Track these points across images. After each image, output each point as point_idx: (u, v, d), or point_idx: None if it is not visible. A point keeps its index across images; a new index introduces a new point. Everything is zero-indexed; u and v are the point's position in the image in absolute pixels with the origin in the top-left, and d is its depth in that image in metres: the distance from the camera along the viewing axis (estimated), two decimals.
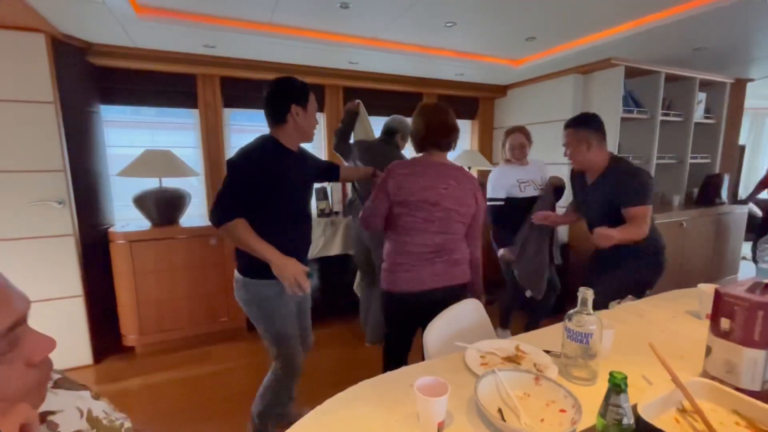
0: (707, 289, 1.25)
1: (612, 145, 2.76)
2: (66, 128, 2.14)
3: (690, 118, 3.14)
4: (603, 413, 0.66)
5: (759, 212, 3.62)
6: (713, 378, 0.85)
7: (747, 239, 3.60)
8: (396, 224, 1.46)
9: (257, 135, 1.50)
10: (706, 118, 3.31)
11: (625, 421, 0.63)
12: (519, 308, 2.60)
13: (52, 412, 0.53)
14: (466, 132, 3.90)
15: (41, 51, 2.01)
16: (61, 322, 2.19)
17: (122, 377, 2.22)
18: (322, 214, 2.78)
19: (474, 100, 3.73)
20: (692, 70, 3.02)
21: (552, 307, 2.39)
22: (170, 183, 2.49)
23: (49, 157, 2.08)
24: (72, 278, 2.20)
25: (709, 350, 0.88)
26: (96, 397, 0.62)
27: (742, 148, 3.81)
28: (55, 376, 0.59)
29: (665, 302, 1.44)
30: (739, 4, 1.88)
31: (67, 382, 0.60)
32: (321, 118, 3.18)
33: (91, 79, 2.42)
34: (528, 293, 2.27)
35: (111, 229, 2.35)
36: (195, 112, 2.78)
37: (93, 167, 2.40)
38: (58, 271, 2.16)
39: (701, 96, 3.23)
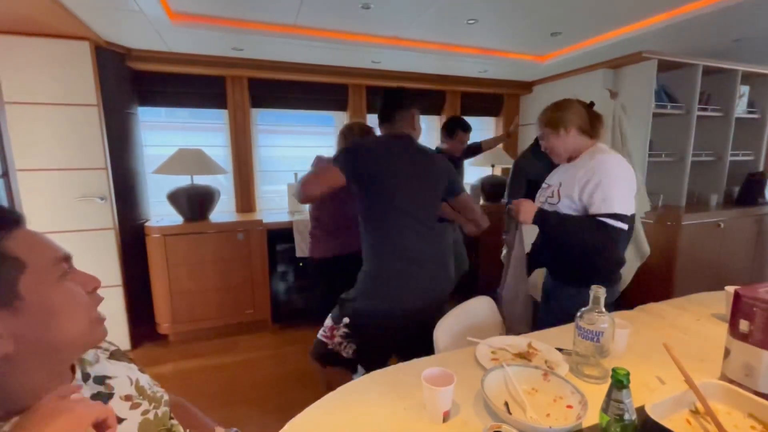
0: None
1: (643, 141, 2.66)
2: (107, 129, 2.30)
3: (730, 112, 2.97)
4: (605, 408, 0.66)
5: None
6: (731, 381, 0.83)
7: None
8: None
9: (284, 135, 1.54)
10: (749, 112, 3.12)
11: (626, 416, 0.63)
12: None
13: (109, 377, 0.65)
14: (490, 130, 3.86)
15: (86, 57, 2.17)
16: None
17: (157, 362, 2.37)
18: None
19: (498, 97, 3.68)
20: (733, 61, 2.85)
21: None
22: (201, 180, 2.62)
23: (92, 156, 2.25)
24: (112, 269, 2.37)
25: (727, 352, 0.85)
26: (141, 370, 0.72)
27: None
28: (111, 348, 0.72)
29: (691, 304, 1.39)
30: None
31: (119, 354, 0.72)
32: (344, 117, 3.24)
33: (130, 82, 2.58)
34: None
35: (147, 224, 2.50)
36: (224, 112, 2.91)
37: (131, 165, 2.57)
38: (99, 262, 2.33)
39: (744, 89, 3.04)
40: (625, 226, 1.24)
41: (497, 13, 2.09)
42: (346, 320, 1.46)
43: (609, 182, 1.24)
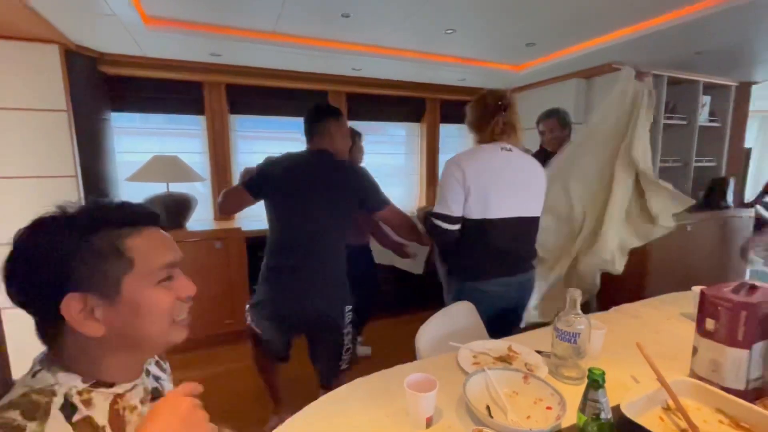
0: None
1: None
2: (78, 135, 2.22)
3: (694, 121, 3.12)
4: (582, 409, 0.68)
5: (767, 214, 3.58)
6: (700, 377, 0.87)
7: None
8: None
9: (264, 141, 1.58)
10: (711, 121, 3.29)
11: (602, 415, 0.65)
12: None
13: (160, 378, 0.73)
14: (468, 137, 3.93)
15: (55, 61, 2.09)
16: None
17: None
18: None
19: None
20: (695, 73, 3.01)
21: None
22: (177, 188, 2.55)
23: (61, 163, 2.16)
24: None
25: (695, 350, 0.89)
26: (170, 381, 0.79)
27: (748, 151, 3.77)
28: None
29: (662, 304, 1.45)
30: (739, 7, 1.88)
31: (162, 360, 0.80)
32: None
33: (102, 87, 2.50)
34: None
35: None
36: (202, 118, 2.86)
37: (104, 173, 2.48)
38: None
39: (705, 99, 3.21)
40: (446, 225, 1.34)
41: (474, 24, 2.14)
42: (247, 305, 1.61)
43: (439, 183, 1.39)
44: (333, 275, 1.50)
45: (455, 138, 3.81)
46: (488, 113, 1.40)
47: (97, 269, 0.54)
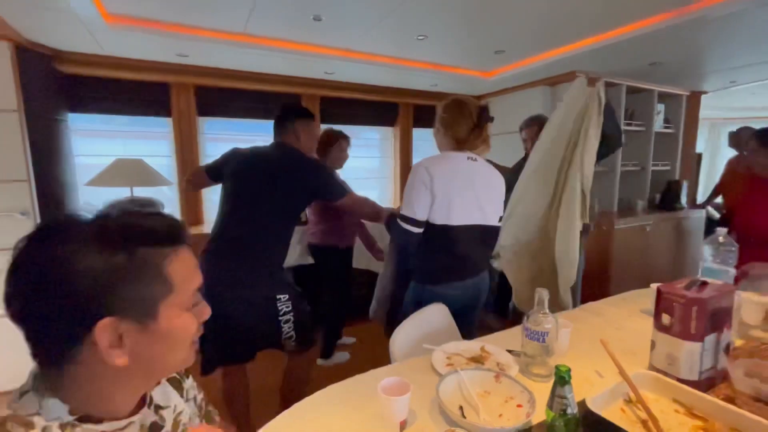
0: None
1: None
2: (31, 137, 2.08)
3: (650, 127, 3.32)
4: (550, 405, 0.70)
5: (717, 214, 3.84)
6: (658, 370, 0.92)
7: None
8: None
9: (233, 144, 1.63)
10: (666, 127, 3.51)
11: (569, 410, 0.68)
12: None
13: (162, 407, 0.63)
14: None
15: (5, 58, 1.96)
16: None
17: None
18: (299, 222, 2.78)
19: None
20: (651, 83, 3.20)
21: None
22: (143, 193, 2.44)
23: (12, 166, 2.02)
24: None
25: (653, 344, 0.94)
26: (186, 398, 0.71)
27: (699, 156, 4.03)
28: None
29: (624, 302, 1.52)
30: (687, 23, 2.02)
31: (175, 381, 0.70)
32: None
33: (59, 87, 2.37)
34: None
35: None
36: (168, 120, 2.76)
37: (60, 177, 2.34)
38: None
39: (660, 107, 3.42)
40: (411, 228, 1.37)
41: (445, 31, 2.19)
42: None
43: (406, 186, 1.40)
44: (262, 264, 1.48)
45: (428, 142, 3.87)
46: (469, 122, 1.42)
47: (138, 293, 0.49)
